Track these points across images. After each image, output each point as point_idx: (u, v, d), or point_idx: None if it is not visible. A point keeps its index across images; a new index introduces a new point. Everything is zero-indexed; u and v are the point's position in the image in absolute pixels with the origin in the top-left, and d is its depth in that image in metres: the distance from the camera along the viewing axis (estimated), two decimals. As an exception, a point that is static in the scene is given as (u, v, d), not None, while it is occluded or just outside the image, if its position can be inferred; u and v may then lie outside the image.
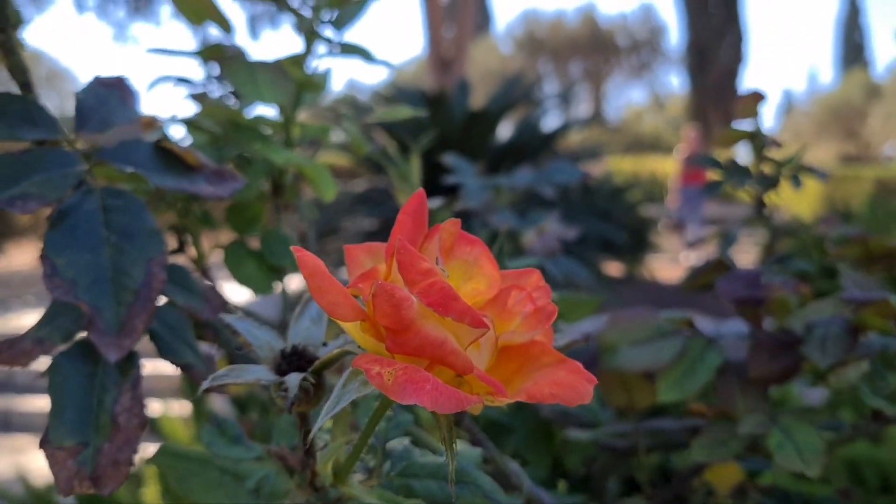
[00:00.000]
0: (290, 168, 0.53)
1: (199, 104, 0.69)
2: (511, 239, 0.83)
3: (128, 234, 0.36)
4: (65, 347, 0.37)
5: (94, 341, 0.34)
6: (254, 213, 0.53)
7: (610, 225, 3.60)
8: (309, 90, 0.54)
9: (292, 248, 0.28)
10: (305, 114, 0.61)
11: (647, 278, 5.49)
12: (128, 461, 0.34)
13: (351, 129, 0.56)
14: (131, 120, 0.42)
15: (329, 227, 3.38)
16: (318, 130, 0.54)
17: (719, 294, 0.53)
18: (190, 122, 0.52)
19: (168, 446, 0.42)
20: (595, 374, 0.63)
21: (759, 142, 0.77)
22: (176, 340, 0.39)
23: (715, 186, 0.80)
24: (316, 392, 0.30)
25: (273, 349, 0.31)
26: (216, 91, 0.72)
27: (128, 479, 0.43)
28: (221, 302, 0.42)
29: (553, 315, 0.29)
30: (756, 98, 0.76)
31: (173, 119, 0.52)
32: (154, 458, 0.41)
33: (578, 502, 0.57)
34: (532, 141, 3.70)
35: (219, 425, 0.37)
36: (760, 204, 0.81)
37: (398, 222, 0.29)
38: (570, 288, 0.93)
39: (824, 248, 0.77)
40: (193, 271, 0.50)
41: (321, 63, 0.58)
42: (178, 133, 0.80)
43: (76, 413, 0.35)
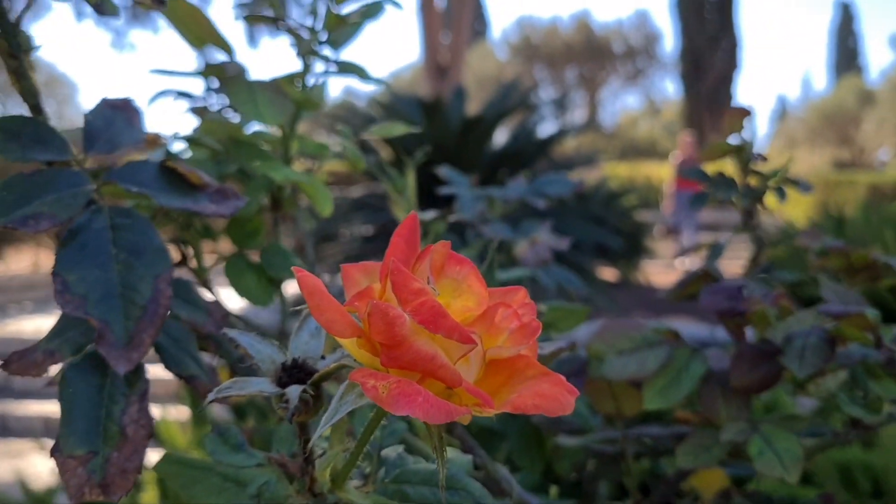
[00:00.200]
0: (289, 183, 0.55)
1: (199, 117, 0.71)
2: (504, 249, 0.85)
3: (135, 251, 0.38)
4: (74, 360, 0.39)
5: (104, 354, 0.36)
6: (253, 226, 0.55)
7: (605, 230, 3.62)
8: (307, 108, 0.55)
9: (293, 268, 0.30)
10: (303, 121, 0.63)
11: (642, 283, 5.52)
12: (135, 469, 0.36)
13: (348, 144, 0.58)
14: (138, 140, 0.44)
15: (326, 233, 3.40)
16: (317, 147, 0.56)
17: (702, 306, 0.55)
18: (192, 139, 0.54)
19: (172, 454, 0.44)
20: (584, 383, 0.64)
21: (746, 156, 0.79)
22: (180, 353, 0.40)
23: (702, 198, 0.82)
24: (315, 403, 0.32)
25: (274, 362, 0.33)
26: (215, 104, 0.74)
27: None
28: (223, 315, 0.44)
29: (537, 331, 0.30)
30: (742, 113, 0.78)
31: (176, 136, 0.53)
32: (158, 465, 0.43)
33: (568, 507, 0.59)
34: (528, 147, 3.73)
35: (221, 433, 0.39)
36: (748, 215, 0.83)
37: (392, 244, 0.31)
38: (562, 296, 0.95)
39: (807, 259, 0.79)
40: (195, 283, 0.52)
41: (318, 78, 0.60)
42: (177, 146, 0.81)
43: (86, 423, 0.37)
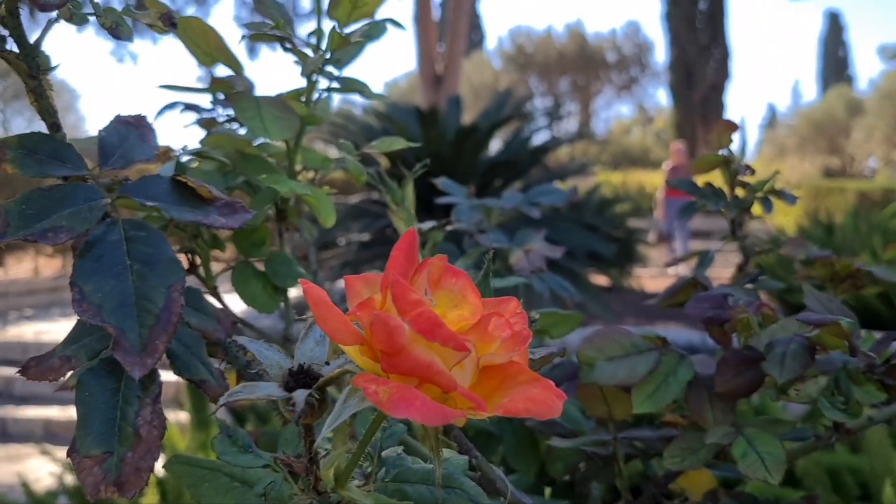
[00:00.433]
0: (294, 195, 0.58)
1: (205, 129, 0.74)
2: (500, 257, 0.87)
3: (149, 262, 0.40)
4: (90, 364, 0.41)
5: (120, 360, 0.38)
6: (259, 236, 0.57)
7: (598, 237, 3.66)
8: (311, 123, 0.58)
9: (300, 280, 0.32)
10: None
11: (635, 289, 5.56)
12: (149, 468, 0.38)
13: (350, 158, 0.60)
14: (150, 156, 0.46)
15: (325, 240, 3.42)
16: (321, 161, 0.58)
17: (689, 314, 0.57)
18: (201, 153, 0.56)
19: (181, 454, 0.46)
20: (576, 387, 0.67)
21: (733, 168, 0.82)
22: (191, 358, 0.42)
23: (691, 208, 0.84)
24: (320, 406, 0.34)
25: (281, 368, 0.35)
26: (221, 116, 0.76)
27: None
28: (232, 322, 0.46)
29: (528, 339, 0.33)
30: (730, 127, 0.81)
31: (186, 150, 0.56)
32: (168, 464, 0.45)
33: (560, 508, 0.61)
34: (522, 156, 3.76)
35: (230, 435, 0.41)
36: (736, 225, 0.86)
37: (392, 258, 0.34)
38: (556, 303, 0.97)
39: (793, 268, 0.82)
40: (204, 291, 0.54)
41: (321, 94, 0.62)
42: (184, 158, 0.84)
43: (101, 425, 0.39)
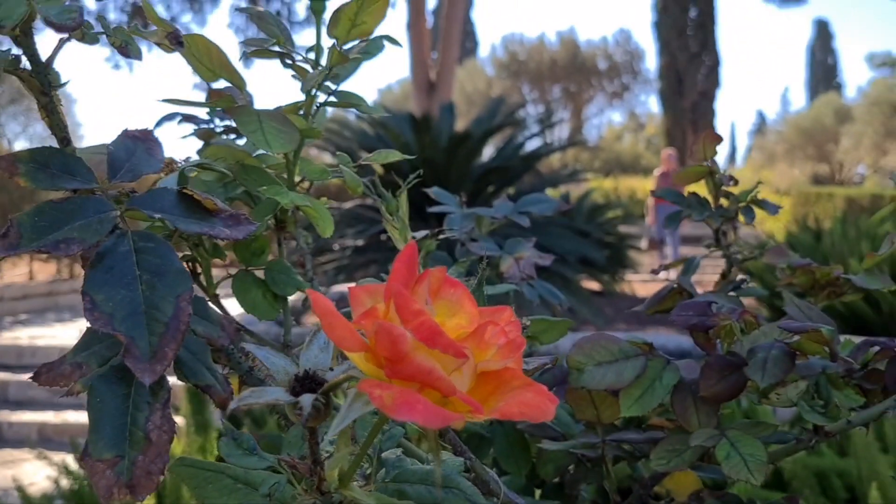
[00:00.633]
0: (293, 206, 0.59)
1: (202, 140, 0.75)
2: (491, 265, 0.90)
3: (158, 273, 0.42)
4: (101, 371, 0.42)
5: (130, 366, 0.40)
6: (259, 246, 0.59)
7: (589, 243, 3.69)
8: (310, 136, 0.60)
9: (308, 291, 0.34)
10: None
11: (627, 294, 5.59)
12: (159, 471, 0.40)
13: (346, 170, 0.62)
14: (157, 169, 0.48)
15: (319, 246, 3.44)
16: (320, 172, 0.60)
17: (674, 321, 0.59)
18: (202, 165, 0.58)
19: (185, 458, 0.47)
20: (566, 391, 0.69)
21: (718, 179, 0.85)
22: (198, 365, 0.44)
23: (676, 217, 0.87)
24: (325, 410, 0.36)
25: (288, 373, 0.37)
26: (219, 127, 0.78)
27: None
28: (235, 330, 0.48)
29: (522, 346, 0.35)
30: (714, 139, 0.84)
31: (188, 161, 0.57)
32: (174, 467, 0.47)
33: (551, 509, 0.63)
34: (514, 162, 3.79)
35: (235, 438, 0.43)
36: (719, 233, 0.88)
37: (394, 270, 0.36)
38: (546, 309, 0.99)
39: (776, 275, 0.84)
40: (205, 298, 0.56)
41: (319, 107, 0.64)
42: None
43: (113, 429, 0.40)
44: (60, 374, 0.43)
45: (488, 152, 4.36)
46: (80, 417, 3.63)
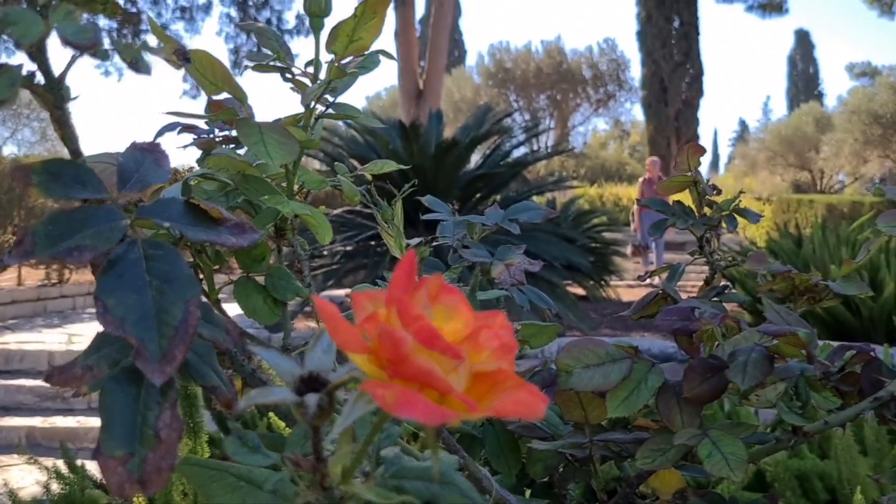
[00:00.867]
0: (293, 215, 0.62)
1: (201, 150, 0.77)
2: (482, 271, 0.92)
3: (167, 279, 0.44)
4: (112, 373, 0.44)
5: (141, 368, 0.41)
6: (259, 252, 0.61)
7: (575, 249, 3.73)
8: (308, 147, 0.62)
9: (313, 296, 0.36)
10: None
11: (613, 299, 5.65)
12: (169, 468, 0.41)
13: (344, 180, 0.65)
14: (164, 180, 0.50)
15: (311, 251, 3.46)
16: (318, 182, 0.62)
17: (658, 326, 0.62)
18: (206, 175, 0.60)
19: (190, 457, 0.49)
20: (555, 393, 0.71)
21: (701, 189, 0.88)
22: (204, 367, 0.46)
23: (660, 225, 0.90)
24: (329, 409, 0.38)
25: (293, 374, 0.39)
26: (219, 137, 0.79)
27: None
28: (239, 333, 0.50)
29: (515, 349, 0.37)
30: (698, 150, 0.87)
31: (193, 172, 0.59)
32: (179, 465, 0.48)
33: (540, 507, 0.65)
34: (501, 169, 3.83)
35: (240, 437, 0.44)
36: (703, 240, 0.91)
37: (395, 277, 0.38)
38: (535, 314, 1.02)
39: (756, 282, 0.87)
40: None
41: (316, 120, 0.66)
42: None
43: (124, 428, 0.42)
44: (72, 376, 0.45)
45: (475, 160, 4.40)
46: (68, 422, 3.62)
